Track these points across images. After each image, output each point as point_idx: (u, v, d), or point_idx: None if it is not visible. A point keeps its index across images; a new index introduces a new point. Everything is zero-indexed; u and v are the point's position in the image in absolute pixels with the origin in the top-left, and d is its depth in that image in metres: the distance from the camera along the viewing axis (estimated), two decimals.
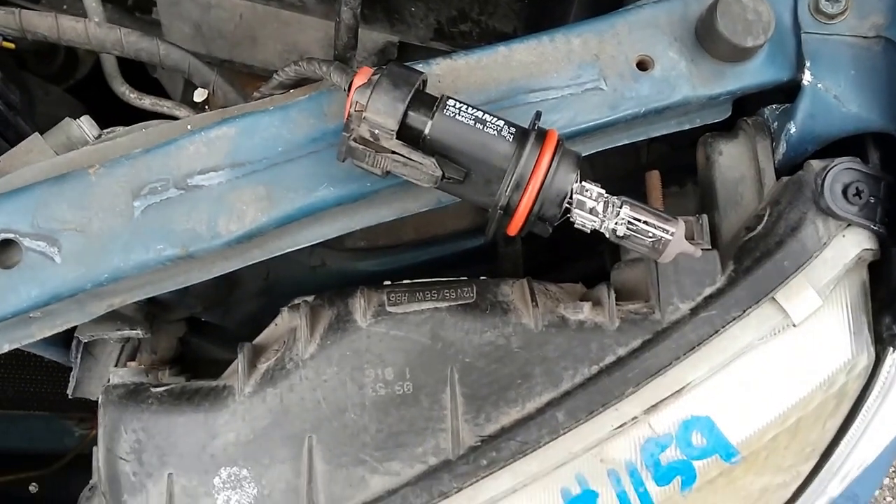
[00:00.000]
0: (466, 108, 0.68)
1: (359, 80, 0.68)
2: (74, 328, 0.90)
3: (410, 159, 0.67)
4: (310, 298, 0.85)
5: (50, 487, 1.58)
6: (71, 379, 0.95)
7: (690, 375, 0.76)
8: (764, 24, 0.77)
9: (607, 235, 0.69)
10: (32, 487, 1.58)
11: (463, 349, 0.79)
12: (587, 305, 0.79)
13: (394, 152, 0.67)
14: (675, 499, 0.77)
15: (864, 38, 0.80)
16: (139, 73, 1.14)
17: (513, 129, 0.68)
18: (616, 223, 0.68)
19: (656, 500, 0.77)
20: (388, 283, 0.85)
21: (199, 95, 1.04)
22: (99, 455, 0.82)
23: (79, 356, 0.94)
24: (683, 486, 0.77)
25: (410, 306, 0.81)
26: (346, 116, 0.68)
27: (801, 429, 0.79)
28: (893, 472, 2.60)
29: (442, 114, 0.68)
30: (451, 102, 0.68)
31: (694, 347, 0.77)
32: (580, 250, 1.11)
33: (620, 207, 0.68)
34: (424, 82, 0.71)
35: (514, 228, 0.68)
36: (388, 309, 0.81)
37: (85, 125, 0.87)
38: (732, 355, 0.76)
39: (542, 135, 0.68)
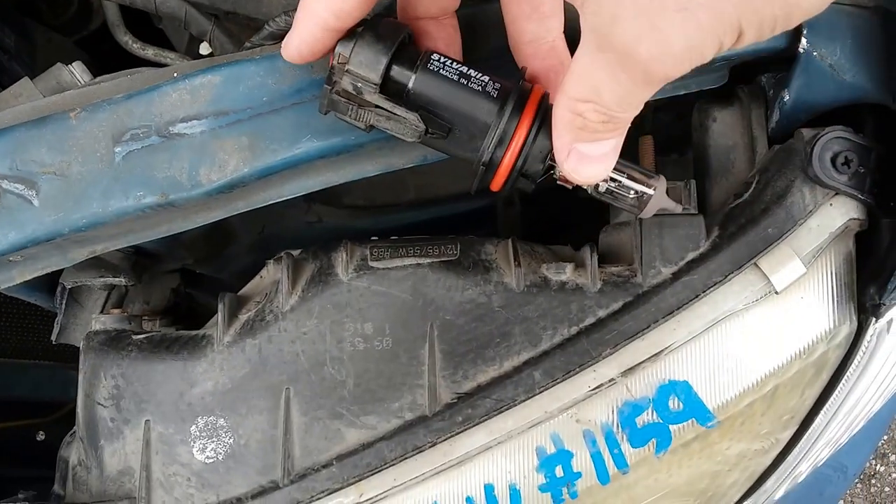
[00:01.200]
0: (451, 63, 0.67)
1: None
2: (59, 274, 0.90)
3: (394, 113, 0.66)
4: (295, 251, 0.84)
5: (53, 436, 1.59)
6: (55, 325, 0.95)
7: (669, 339, 0.76)
8: None
9: (589, 191, 0.68)
10: (40, 435, 1.59)
11: (443, 306, 0.78)
12: (570, 266, 0.79)
13: (377, 106, 0.66)
14: (649, 461, 0.78)
15: (864, 7, 0.78)
16: (145, 24, 1.13)
17: (498, 85, 0.67)
18: None
19: (631, 462, 0.77)
20: (374, 238, 0.84)
21: (206, 48, 1.03)
22: (78, 400, 0.83)
23: (64, 302, 0.94)
24: (658, 449, 0.77)
25: (393, 262, 0.80)
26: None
27: (778, 396, 0.78)
28: None
29: (426, 68, 0.67)
30: (435, 57, 0.67)
31: (674, 311, 0.76)
32: (582, 217, 1.11)
33: None
34: (410, 36, 0.70)
35: (496, 184, 0.68)
36: (371, 264, 0.80)
37: (76, 70, 0.86)
38: (712, 320, 0.76)
39: (527, 91, 0.67)
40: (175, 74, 0.75)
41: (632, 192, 0.68)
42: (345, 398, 0.78)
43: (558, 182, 0.69)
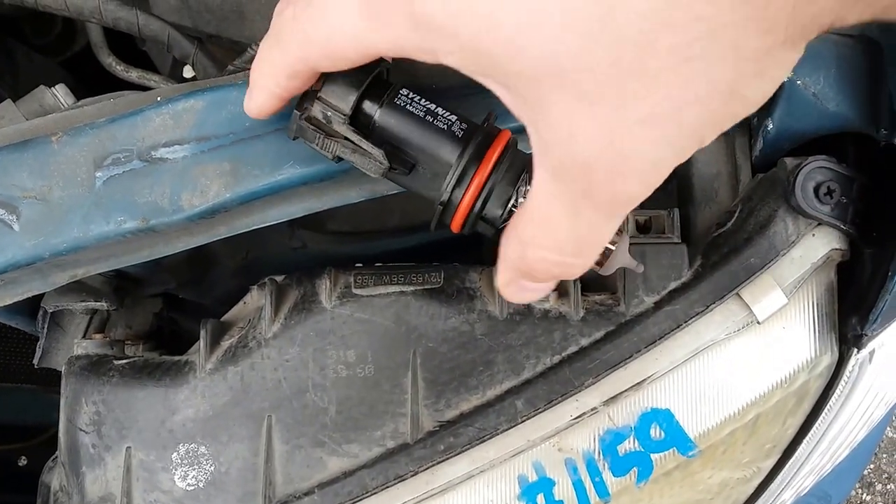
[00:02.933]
0: (419, 100, 0.66)
1: None
2: (41, 298, 0.89)
3: (360, 147, 0.65)
4: (279, 277, 0.84)
5: (36, 461, 1.57)
6: (38, 349, 0.94)
7: (652, 368, 0.76)
8: None
9: None
10: (22, 461, 1.58)
11: (426, 334, 0.78)
12: (553, 294, 0.79)
13: (345, 138, 0.66)
14: (630, 490, 0.77)
15: (848, 36, 0.79)
16: (129, 46, 1.13)
17: (464, 126, 0.66)
18: None
19: (612, 490, 0.77)
20: (359, 265, 0.84)
21: (189, 72, 1.03)
22: (60, 426, 0.82)
23: (45, 326, 0.94)
24: (640, 478, 0.77)
25: (376, 289, 0.80)
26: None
27: (759, 425, 0.78)
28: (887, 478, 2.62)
29: (392, 103, 0.66)
30: (403, 92, 0.66)
31: (656, 341, 0.76)
32: None
33: None
34: (388, 70, 0.70)
35: (455, 225, 0.66)
36: (354, 291, 0.80)
37: (60, 93, 0.85)
38: (694, 350, 0.76)
39: (492, 133, 0.66)
40: (158, 99, 0.75)
41: None
42: (327, 426, 0.78)
43: None
